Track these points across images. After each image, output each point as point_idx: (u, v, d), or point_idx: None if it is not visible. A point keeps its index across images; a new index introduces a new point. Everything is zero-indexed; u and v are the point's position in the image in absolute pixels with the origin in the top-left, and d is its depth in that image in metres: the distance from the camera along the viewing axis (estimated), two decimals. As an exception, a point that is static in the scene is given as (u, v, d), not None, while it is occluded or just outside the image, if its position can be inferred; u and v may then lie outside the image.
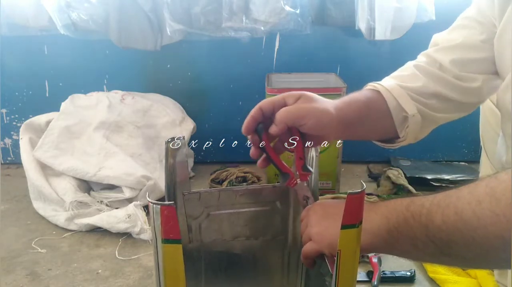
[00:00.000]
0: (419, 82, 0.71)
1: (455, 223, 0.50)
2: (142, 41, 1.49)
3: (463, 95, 0.73)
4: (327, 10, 1.52)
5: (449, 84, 0.71)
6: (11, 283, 1.02)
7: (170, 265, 0.53)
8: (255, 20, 1.46)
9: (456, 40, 0.73)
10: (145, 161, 1.39)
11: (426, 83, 0.71)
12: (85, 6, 1.45)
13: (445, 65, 0.72)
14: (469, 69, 0.72)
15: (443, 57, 0.73)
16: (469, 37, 0.72)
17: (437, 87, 0.71)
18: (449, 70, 0.72)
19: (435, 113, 0.72)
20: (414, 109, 0.69)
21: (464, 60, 0.72)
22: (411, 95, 0.70)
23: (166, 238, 0.51)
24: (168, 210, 0.50)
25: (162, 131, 1.49)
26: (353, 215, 0.52)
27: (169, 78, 1.64)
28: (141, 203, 1.26)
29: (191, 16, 1.46)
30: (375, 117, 0.69)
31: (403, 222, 0.55)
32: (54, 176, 1.32)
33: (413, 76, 0.72)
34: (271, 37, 1.57)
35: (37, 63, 1.61)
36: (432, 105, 0.71)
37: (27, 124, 1.44)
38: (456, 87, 0.72)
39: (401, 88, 0.70)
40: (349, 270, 0.55)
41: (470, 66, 0.72)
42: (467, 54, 0.72)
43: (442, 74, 0.72)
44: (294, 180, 0.68)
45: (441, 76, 0.71)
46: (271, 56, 1.60)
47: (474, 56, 0.71)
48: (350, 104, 0.67)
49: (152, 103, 1.52)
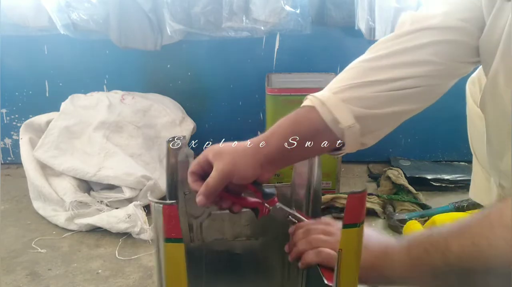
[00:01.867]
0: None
1: (471, 251, 0.51)
2: (142, 41, 1.49)
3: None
4: (327, 10, 1.52)
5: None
6: (11, 283, 1.02)
7: (172, 264, 0.53)
8: (255, 20, 1.46)
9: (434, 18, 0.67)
10: (145, 161, 1.39)
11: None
12: (85, 6, 1.45)
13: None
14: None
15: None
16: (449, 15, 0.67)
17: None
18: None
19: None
20: (350, 119, 0.63)
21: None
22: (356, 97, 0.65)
23: (168, 237, 0.51)
24: (170, 210, 0.50)
25: (162, 131, 1.49)
26: (354, 214, 0.52)
27: (169, 78, 1.64)
28: (141, 203, 1.26)
29: (191, 16, 1.46)
30: (312, 135, 0.65)
31: (423, 251, 0.56)
32: (54, 176, 1.32)
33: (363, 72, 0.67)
34: (271, 37, 1.57)
35: (37, 63, 1.61)
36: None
37: (27, 124, 1.44)
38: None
39: (336, 95, 0.65)
40: (350, 269, 0.55)
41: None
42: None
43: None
44: (265, 209, 0.68)
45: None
46: (271, 56, 1.60)
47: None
48: (274, 136, 0.66)
49: (152, 103, 1.52)
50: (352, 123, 0.63)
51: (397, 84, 0.63)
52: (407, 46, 0.64)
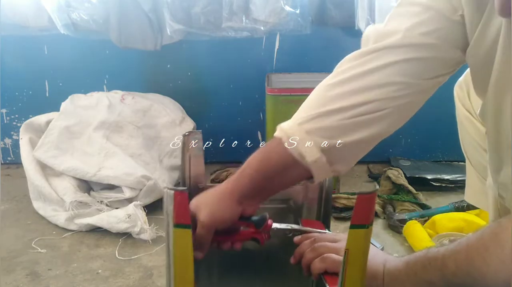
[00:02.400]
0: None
1: (467, 269, 0.53)
2: (142, 41, 1.49)
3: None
4: (327, 10, 1.52)
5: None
6: (11, 283, 1.02)
7: (180, 249, 0.54)
8: (255, 20, 1.46)
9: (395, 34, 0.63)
10: (145, 161, 1.39)
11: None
12: (85, 6, 1.45)
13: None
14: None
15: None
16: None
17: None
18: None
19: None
20: (315, 153, 0.62)
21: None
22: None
23: (177, 223, 0.52)
24: (181, 196, 0.52)
25: (162, 131, 1.49)
26: (363, 215, 0.52)
27: (169, 78, 1.64)
28: (141, 203, 1.26)
29: (191, 16, 1.46)
30: (282, 169, 0.65)
31: (421, 266, 0.59)
32: (54, 176, 1.32)
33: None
34: (271, 37, 1.57)
35: (37, 63, 1.61)
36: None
37: (27, 124, 1.44)
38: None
39: (300, 126, 0.63)
40: (357, 270, 0.55)
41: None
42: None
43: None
44: (264, 236, 0.70)
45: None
46: (271, 56, 1.60)
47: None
48: (246, 174, 0.67)
49: (152, 103, 1.52)
50: (317, 157, 0.62)
51: (361, 110, 0.61)
52: (368, 68, 0.62)
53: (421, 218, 1.22)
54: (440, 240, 1.11)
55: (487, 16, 0.56)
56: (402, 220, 1.21)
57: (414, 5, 0.62)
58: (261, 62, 1.60)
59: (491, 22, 0.56)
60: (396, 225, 1.22)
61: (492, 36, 0.56)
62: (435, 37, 0.60)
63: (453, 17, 0.60)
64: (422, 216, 1.23)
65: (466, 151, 0.94)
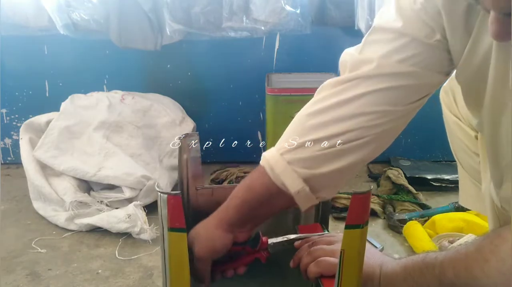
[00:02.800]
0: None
1: (466, 279, 0.53)
2: (142, 41, 1.49)
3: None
4: (327, 10, 1.52)
5: None
6: (11, 283, 1.02)
7: (175, 252, 0.54)
8: (255, 20, 1.46)
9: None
10: (145, 161, 1.39)
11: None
12: (85, 6, 1.45)
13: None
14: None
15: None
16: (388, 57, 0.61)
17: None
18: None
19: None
20: (298, 184, 0.62)
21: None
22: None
23: (171, 226, 0.52)
24: (175, 200, 0.51)
25: (162, 131, 1.49)
26: (358, 215, 0.52)
27: (169, 78, 1.64)
28: (141, 203, 1.26)
29: (191, 16, 1.46)
30: (267, 198, 0.66)
31: (418, 271, 0.59)
32: (54, 176, 1.32)
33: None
34: (271, 37, 1.57)
35: (37, 63, 1.61)
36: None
37: (27, 124, 1.43)
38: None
39: (282, 156, 0.63)
40: (353, 270, 0.55)
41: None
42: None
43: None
44: (263, 255, 0.72)
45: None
46: (271, 56, 1.60)
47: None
48: (232, 204, 0.68)
49: (152, 103, 1.52)
50: (300, 187, 0.62)
51: (338, 140, 0.61)
52: (343, 98, 0.61)
53: (421, 218, 1.22)
54: (440, 241, 1.11)
55: (476, 34, 0.55)
56: (402, 220, 1.21)
57: (387, 32, 0.60)
58: (261, 62, 1.60)
59: (480, 40, 0.54)
60: (396, 225, 1.22)
61: (482, 54, 0.55)
62: (412, 64, 0.59)
63: (430, 41, 0.58)
64: (422, 216, 1.23)
65: (457, 155, 0.93)
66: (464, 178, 0.93)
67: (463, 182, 0.95)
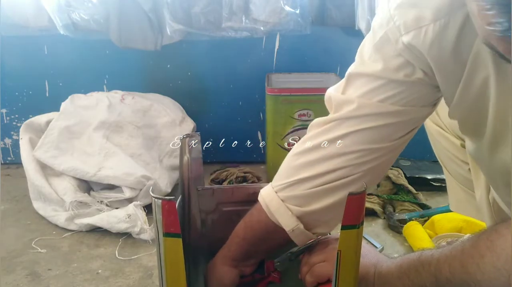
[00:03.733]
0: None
1: (461, 275, 0.53)
2: (142, 41, 1.49)
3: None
4: (327, 10, 1.52)
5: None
6: (11, 283, 1.02)
7: (171, 257, 0.54)
8: (255, 20, 1.46)
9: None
10: (145, 161, 1.39)
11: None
12: (85, 6, 1.45)
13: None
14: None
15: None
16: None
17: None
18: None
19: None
20: (292, 223, 0.64)
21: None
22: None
23: (167, 232, 0.52)
24: (169, 205, 0.51)
25: (162, 131, 1.49)
26: (353, 215, 0.52)
27: (169, 78, 1.64)
28: (141, 203, 1.26)
29: (191, 16, 1.46)
30: (267, 234, 0.69)
31: (414, 270, 0.59)
32: (54, 176, 1.32)
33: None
34: (271, 37, 1.57)
35: (37, 63, 1.61)
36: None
37: (27, 124, 1.43)
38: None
39: (277, 194, 0.65)
40: (349, 270, 0.55)
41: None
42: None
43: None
44: (275, 276, 0.75)
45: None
46: (271, 56, 1.60)
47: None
48: (234, 242, 0.73)
49: (152, 103, 1.52)
50: (294, 225, 0.64)
51: (327, 178, 0.61)
52: (329, 137, 0.61)
53: (421, 218, 1.22)
54: (439, 242, 1.11)
55: (470, 69, 0.53)
56: (402, 220, 1.22)
57: (366, 74, 0.60)
58: (261, 62, 1.60)
59: (476, 74, 0.53)
60: (396, 225, 1.22)
61: (478, 87, 0.53)
62: (393, 103, 0.58)
63: (410, 79, 0.57)
64: (422, 216, 1.24)
65: (444, 163, 0.92)
66: (452, 184, 0.93)
67: (452, 189, 0.94)
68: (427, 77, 0.57)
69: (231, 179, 1.49)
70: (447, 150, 0.87)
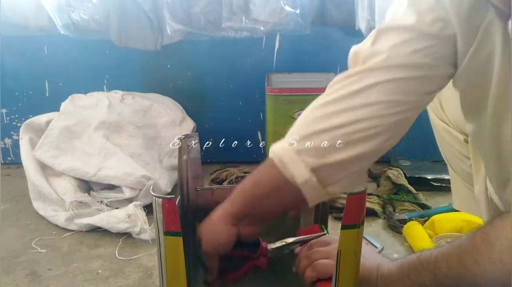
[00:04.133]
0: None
1: (458, 269, 0.53)
2: (142, 41, 1.49)
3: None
4: (327, 10, 1.52)
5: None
6: (11, 283, 1.02)
7: (171, 256, 0.54)
8: (255, 20, 1.46)
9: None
10: (145, 161, 1.39)
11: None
12: (85, 6, 1.45)
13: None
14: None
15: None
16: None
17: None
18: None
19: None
20: (305, 174, 0.60)
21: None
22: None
23: (167, 230, 0.52)
24: (169, 204, 0.51)
25: (162, 131, 1.49)
26: (354, 215, 0.52)
27: (169, 78, 1.64)
28: (141, 203, 1.26)
29: (191, 16, 1.46)
30: (275, 191, 0.64)
31: (413, 269, 0.59)
32: (54, 176, 1.32)
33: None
34: (271, 37, 1.57)
35: (37, 63, 1.61)
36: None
37: (27, 124, 1.44)
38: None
39: (291, 146, 0.62)
40: (349, 270, 0.55)
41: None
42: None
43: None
44: (263, 261, 0.72)
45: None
46: (271, 56, 1.60)
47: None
48: (238, 196, 0.67)
49: (152, 103, 1.52)
50: (307, 177, 0.59)
51: (350, 128, 0.59)
52: (355, 89, 0.60)
53: (421, 218, 1.22)
54: (439, 242, 1.11)
55: (482, 38, 0.54)
56: (402, 220, 1.22)
57: (399, 27, 0.60)
58: (261, 62, 1.60)
59: (485, 43, 0.54)
60: (396, 225, 1.22)
61: (485, 57, 0.55)
62: (424, 55, 0.58)
63: (442, 34, 0.58)
64: (422, 216, 1.23)
65: (448, 160, 0.92)
66: (457, 182, 0.93)
67: (456, 186, 0.94)
68: (455, 36, 0.57)
69: (231, 179, 1.49)
70: (450, 145, 0.87)
